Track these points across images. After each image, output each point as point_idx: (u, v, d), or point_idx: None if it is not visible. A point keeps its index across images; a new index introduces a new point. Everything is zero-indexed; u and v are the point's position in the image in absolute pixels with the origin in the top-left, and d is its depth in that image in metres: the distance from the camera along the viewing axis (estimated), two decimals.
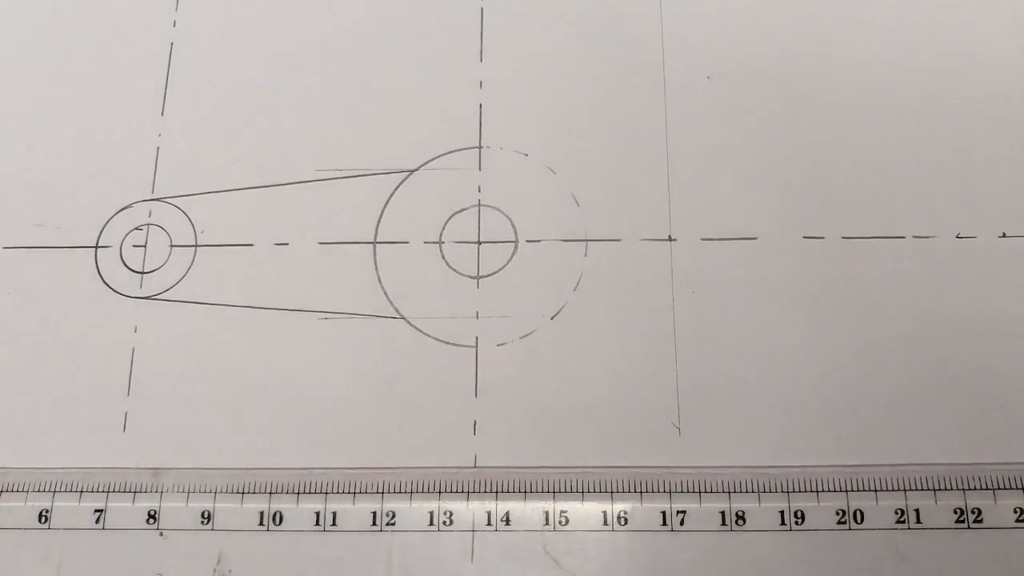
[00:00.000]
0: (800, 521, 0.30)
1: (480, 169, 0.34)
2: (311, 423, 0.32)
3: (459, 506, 0.31)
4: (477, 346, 0.33)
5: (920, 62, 0.35)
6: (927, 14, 0.35)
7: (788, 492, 0.30)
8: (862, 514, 0.30)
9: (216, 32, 0.37)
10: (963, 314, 0.32)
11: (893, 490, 0.30)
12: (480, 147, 0.35)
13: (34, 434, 0.32)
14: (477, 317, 0.33)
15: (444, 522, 0.30)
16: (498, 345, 0.32)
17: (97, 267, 0.34)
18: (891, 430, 0.31)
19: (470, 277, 0.33)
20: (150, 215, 0.35)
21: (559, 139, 0.34)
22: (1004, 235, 0.33)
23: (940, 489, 0.30)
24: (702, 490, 0.30)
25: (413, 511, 0.31)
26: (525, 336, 0.33)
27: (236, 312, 0.33)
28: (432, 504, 0.31)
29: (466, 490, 0.31)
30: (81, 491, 0.31)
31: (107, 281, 0.34)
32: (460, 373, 0.32)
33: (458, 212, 0.34)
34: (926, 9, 0.35)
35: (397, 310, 0.33)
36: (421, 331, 0.33)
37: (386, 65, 0.36)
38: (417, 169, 0.34)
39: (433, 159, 0.35)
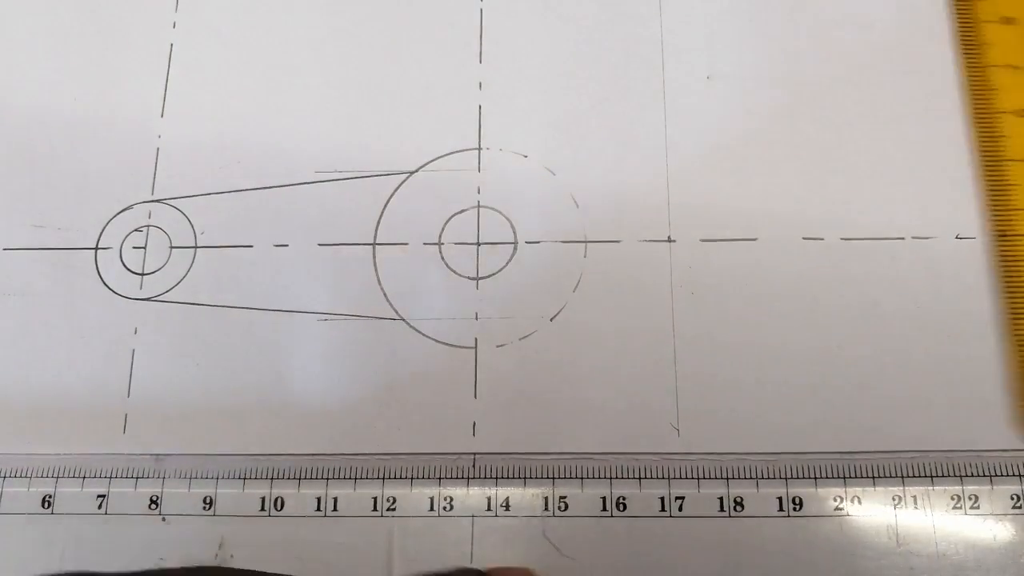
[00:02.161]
0: (798, 507, 0.30)
1: (479, 170, 0.34)
2: (310, 424, 0.32)
3: (459, 492, 0.31)
4: (476, 347, 0.33)
5: (920, 62, 0.35)
6: (925, 14, 0.35)
7: (786, 479, 0.30)
8: (859, 500, 0.30)
9: (216, 32, 0.37)
10: (961, 314, 0.32)
11: (890, 476, 0.30)
12: (479, 148, 0.35)
13: (34, 439, 0.32)
14: (476, 318, 0.33)
15: (444, 507, 0.31)
16: (497, 346, 0.32)
17: (97, 268, 0.34)
18: (890, 431, 0.31)
19: (469, 278, 0.33)
20: (150, 216, 0.35)
21: (558, 140, 0.34)
22: (1002, 236, 0.32)
23: (937, 476, 0.30)
24: (700, 476, 0.30)
25: (413, 496, 0.31)
26: (524, 337, 0.33)
27: (236, 313, 0.33)
28: (432, 490, 0.31)
29: (466, 476, 0.31)
30: (84, 477, 0.32)
31: (107, 283, 0.34)
32: (459, 374, 0.32)
33: (457, 213, 0.34)
34: (924, 10, 0.35)
35: (396, 311, 0.33)
36: (420, 332, 0.33)
37: (386, 66, 0.36)
38: (416, 171, 0.35)
39: (432, 160, 0.35)
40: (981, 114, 0.33)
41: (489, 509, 0.31)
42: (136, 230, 0.35)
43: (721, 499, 0.30)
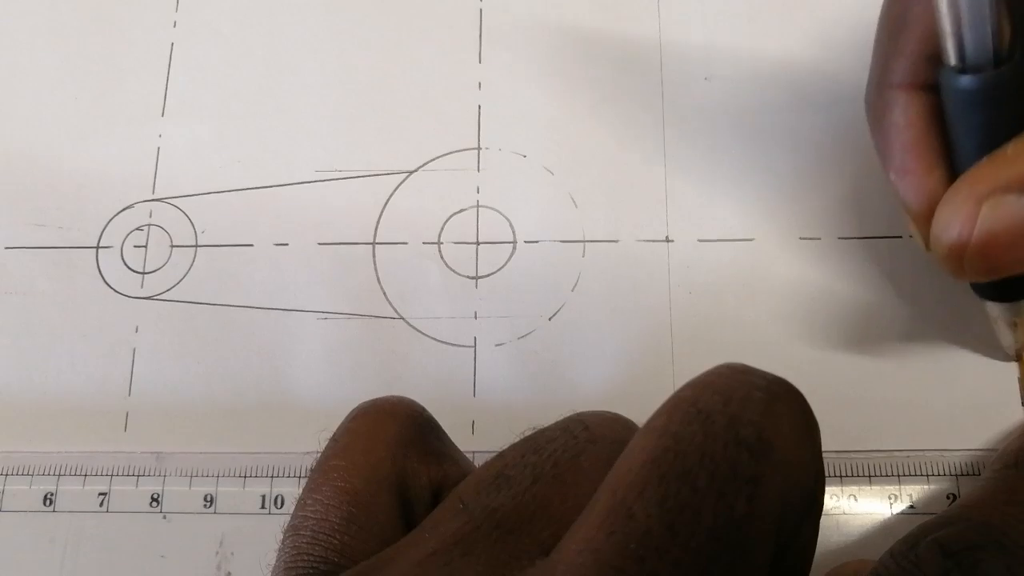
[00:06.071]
0: None
1: (479, 170, 0.35)
2: (310, 424, 0.32)
3: None
4: (475, 346, 0.33)
5: None
6: None
7: None
8: (855, 498, 0.30)
9: (216, 32, 0.37)
10: (958, 313, 0.32)
11: (886, 475, 0.30)
12: (479, 148, 0.35)
13: (35, 437, 0.32)
14: (476, 317, 0.33)
15: None
16: (496, 345, 0.33)
17: (98, 267, 0.34)
18: (886, 430, 0.31)
19: (469, 277, 0.33)
20: (151, 215, 0.35)
21: (557, 140, 0.35)
22: None
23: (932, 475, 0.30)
24: None
25: None
26: (523, 336, 0.33)
27: (236, 312, 0.34)
28: None
29: None
30: (85, 475, 0.32)
31: (108, 281, 0.34)
32: (459, 373, 0.32)
33: (457, 213, 0.34)
34: None
35: (396, 310, 0.33)
36: (420, 331, 0.33)
37: (385, 66, 0.36)
38: (416, 170, 0.35)
39: (432, 160, 0.35)
40: None
41: None
42: (137, 229, 0.35)
43: None
